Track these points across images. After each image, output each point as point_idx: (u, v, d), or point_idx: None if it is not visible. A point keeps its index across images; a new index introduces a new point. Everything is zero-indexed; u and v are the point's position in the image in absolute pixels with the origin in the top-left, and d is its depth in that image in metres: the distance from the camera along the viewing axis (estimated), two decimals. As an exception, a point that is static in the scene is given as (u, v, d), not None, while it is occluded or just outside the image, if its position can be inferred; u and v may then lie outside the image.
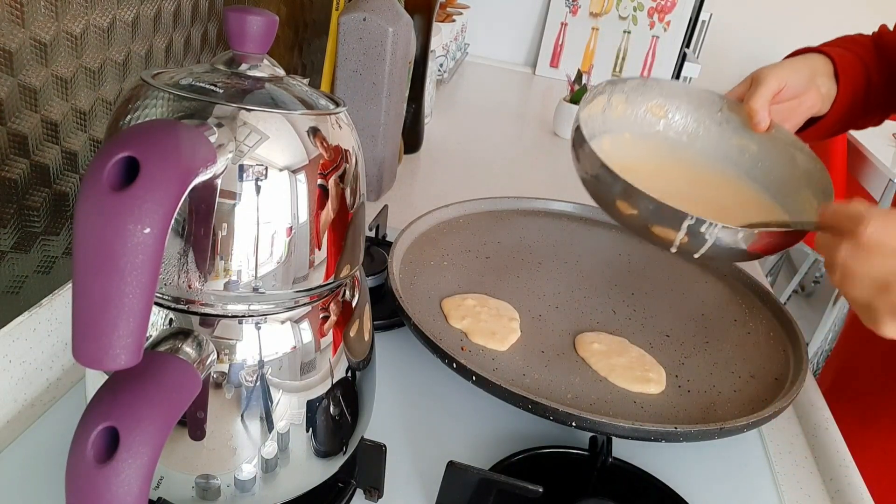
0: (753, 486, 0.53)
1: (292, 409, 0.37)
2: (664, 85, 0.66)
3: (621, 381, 0.55)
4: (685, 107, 0.67)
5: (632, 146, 0.63)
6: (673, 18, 1.75)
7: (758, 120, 0.61)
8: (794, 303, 2.65)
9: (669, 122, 0.67)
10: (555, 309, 0.65)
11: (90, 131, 0.54)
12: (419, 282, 0.65)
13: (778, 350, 0.64)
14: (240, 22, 0.34)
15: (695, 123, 0.67)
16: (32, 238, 0.50)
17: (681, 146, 0.66)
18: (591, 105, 0.60)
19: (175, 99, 0.31)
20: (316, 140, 0.34)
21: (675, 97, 0.67)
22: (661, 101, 0.66)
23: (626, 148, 0.55)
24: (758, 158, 0.64)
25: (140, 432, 0.26)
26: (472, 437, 0.53)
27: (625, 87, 0.64)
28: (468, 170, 1.09)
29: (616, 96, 0.64)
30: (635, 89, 0.65)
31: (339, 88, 0.84)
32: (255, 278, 0.33)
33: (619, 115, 0.65)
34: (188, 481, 0.36)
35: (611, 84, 0.63)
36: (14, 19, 0.44)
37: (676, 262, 0.78)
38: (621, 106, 0.65)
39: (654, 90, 0.66)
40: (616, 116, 0.65)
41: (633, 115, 0.66)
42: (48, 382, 0.52)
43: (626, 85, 0.64)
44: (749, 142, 0.64)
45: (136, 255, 0.24)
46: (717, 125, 0.66)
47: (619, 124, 0.62)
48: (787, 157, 0.62)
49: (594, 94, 0.61)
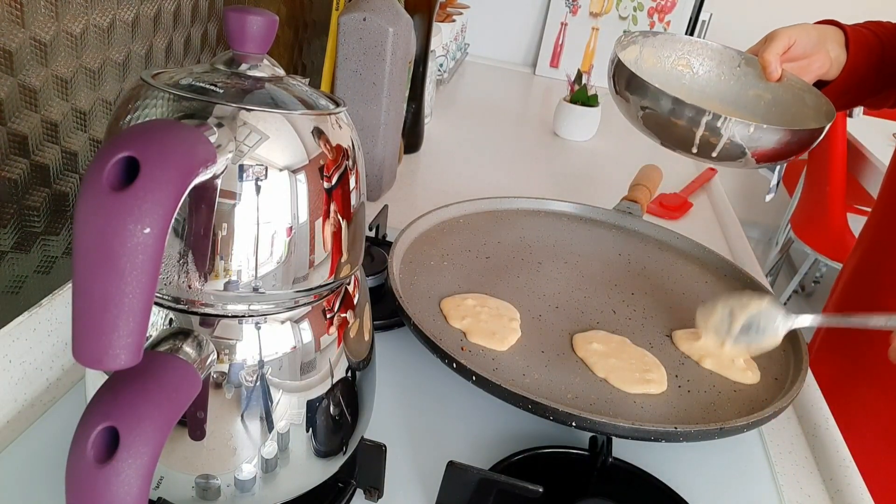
0: (753, 486, 0.53)
1: (292, 409, 0.37)
2: (690, 41, 0.74)
3: (621, 382, 0.55)
4: (708, 62, 0.75)
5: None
6: (673, 18, 1.75)
7: (771, 70, 0.69)
8: (794, 303, 2.65)
9: (694, 75, 0.75)
10: (555, 309, 0.65)
11: (90, 131, 0.54)
12: (419, 282, 0.65)
13: (778, 350, 0.64)
14: (240, 22, 0.34)
15: (716, 76, 0.75)
16: (32, 238, 0.50)
17: (705, 96, 0.74)
18: (625, 51, 0.68)
19: (175, 99, 0.31)
20: (316, 140, 0.34)
21: (699, 53, 0.75)
22: (685, 56, 0.75)
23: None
24: (772, 104, 0.71)
25: (140, 432, 0.26)
26: (472, 437, 0.53)
27: (655, 40, 0.73)
28: (468, 170, 1.09)
29: (647, 49, 0.72)
30: (664, 43, 0.74)
31: (339, 88, 0.84)
32: (255, 278, 0.33)
33: (650, 66, 0.73)
34: (188, 481, 0.36)
35: (643, 35, 0.71)
36: (14, 19, 0.44)
37: (676, 262, 0.78)
38: (651, 59, 0.73)
39: (681, 45, 0.74)
40: (647, 66, 0.72)
41: (662, 67, 0.74)
42: (48, 382, 0.52)
43: (656, 39, 0.73)
44: (764, 91, 0.72)
45: (136, 255, 0.24)
46: (736, 78, 0.74)
47: (648, 74, 0.68)
48: (797, 99, 0.70)
49: (629, 42, 0.69)
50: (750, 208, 2.84)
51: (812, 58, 0.70)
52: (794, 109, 0.70)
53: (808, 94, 0.69)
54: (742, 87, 0.73)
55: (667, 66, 0.74)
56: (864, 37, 0.72)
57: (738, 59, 0.74)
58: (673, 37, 0.74)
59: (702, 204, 1.12)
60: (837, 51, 0.71)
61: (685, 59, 0.75)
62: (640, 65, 0.71)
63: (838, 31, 0.72)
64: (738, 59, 0.74)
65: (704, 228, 1.02)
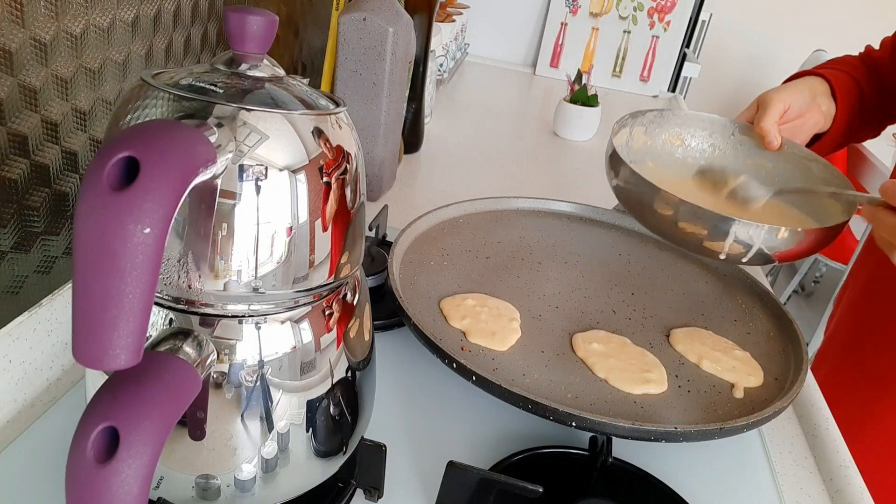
0: (753, 486, 0.53)
1: (292, 409, 0.37)
2: (679, 115, 0.71)
3: (621, 382, 0.55)
4: (700, 133, 0.72)
5: (656, 173, 0.66)
6: (673, 18, 1.75)
7: (770, 139, 0.66)
8: (794, 303, 2.65)
9: (687, 149, 0.72)
10: (555, 309, 0.65)
11: (90, 131, 0.54)
12: (419, 282, 0.65)
13: (778, 350, 0.64)
14: (240, 22, 0.34)
15: (710, 148, 0.72)
16: (32, 238, 0.50)
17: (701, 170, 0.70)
18: (616, 136, 0.65)
19: (175, 99, 0.32)
20: (316, 140, 0.34)
21: (690, 125, 0.72)
22: (677, 131, 0.71)
23: (650, 175, 0.58)
24: (774, 174, 0.68)
25: (140, 432, 0.26)
26: (472, 437, 0.53)
27: (643, 119, 0.69)
28: (468, 170, 1.09)
29: (636, 128, 0.69)
30: (653, 121, 0.70)
31: (339, 88, 0.84)
32: (255, 278, 0.33)
33: (640, 145, 0.70)
34: (188, 481, 0.36)
35: (631, 117, 0.68)
36: (14, 19, 0.44)
37: (676, 262, 0.78)
38: (642, 137, 0.70)
39: (670, 121, 0.71)
40: (637, 147, 0.69)
41: (653, 145, 0.71)
42: (48, 382, 0.52)
43: (644, 118, 0.69)
44: (764, 160, 0.69)
45: (136, 255, 0.24)
46: (732, 148, 0.71)
47: (641, 154, 0.67)
48: (802, 169, 0.67)
49: (619, 127, 0.66)
50: (750, 208, 2.83)
51: (806, 116, 0.68)
52: (802, 179, 0.66)
53: (813, 164, 0.66)
54: (738, 156, 0.70)
55: (658, 144, 0.71)
56: (845, 82, 0.72)
57: (731, 128, 0.71)
58: (662, 113, 0.71)
59: (702, 204, 1.11)
60: (827, 104, 0.70)
61: (675, 133, 0.72)
62: (631, 145, 0.69)
63: (823, 82, 0.71)
64: (732, 127, 0.71)
65: (704, 228, 1.02)
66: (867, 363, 0.78)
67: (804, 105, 0.68)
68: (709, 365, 0.59)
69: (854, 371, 0.80)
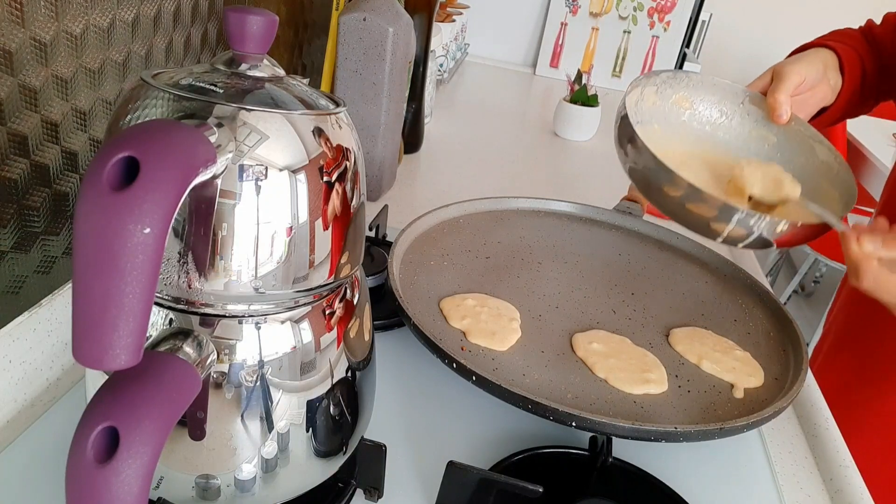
0: (753, 486, 0.53)
1: (292, 409, 0.37)
2: (691, 77, 0.70)
3: (621, 382, 0.55)
4: (709, 98, 0.70)
5: (660, 136, 0.66)
6: (673, 18, 1.75)
7: (780, 112, 0.64)
8: (794, 303, 2.65)
9: (694, 113, 0.70)
10: (555, 309, 0.65)
11: (90, 131, 0.54)
12: (419, 282, 0.65)
13: (778, 350, 0.64)
14: (240, 22, 0.34)
15: (718, 114, 0.70)
16: (32, 238, 0.50)
17: (705, 136, 0.70)
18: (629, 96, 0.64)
19: (175, 99, 0.31)
20: (316, 140, 0.34)
21: (701, 90, 0.70)
22: (687, 94, 0.70)
23: (654, 138, 0.57)
24: (777, 148, 0.67)
25: (140, 432, 0.26)
26: (472, 437, 0.53)
27: (657, 79, 0.68)
28: (468, 170, 1.09)
29: (648, 88, 0.68)
30: (665, 82, 0.69)
31: (339, 88, 0.84)
32: (255, 278, 0.33)
33: (650, 105, 0.68)
34: (188, 481, 0.36)
35: (645, 77, 0.67)
36: (14, 19, 0.44)
37: (676, 262, 0.78)
38: (652, 97, 0.68)
39: (682, 83, 0.69)
40: (647, 107, 0.68)
41: (662, 106, 0.69)
42: (48, 382, 0.52)
43: (657, 77, 0.68)
44: (769, 133, 0.68)
45: (136, 255, 0.24)
46: (739, 117, 0.69)
47: (649, 115, 0.66)
48: (806, 148, 0.66)
49: (632, 87, 0.65)
50: (750, 208, 2.83)
51: (815, 90, 0.67)
52: (803, 161, 0.66)
53: (818, 146, 0.65)
54: (745, 126, 0.69)
55: (668, 105, 0.70)
56: (852, 57, 0.71)
57: (742, 95, 0.69)
58: (676, 74, 0.70)
59: (702, 204, 1.11)
60: (836, 77, 0.69)
61: (686, 95, 0.70)
62: (641, 105, 0.67)
63: (833, 56, 0.70)
64: (743, 95, 0.69)
65: (704, 228, 1.02)
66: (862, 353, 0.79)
67: (817, 79, 0.67)
68: (709, 365, 0.59)
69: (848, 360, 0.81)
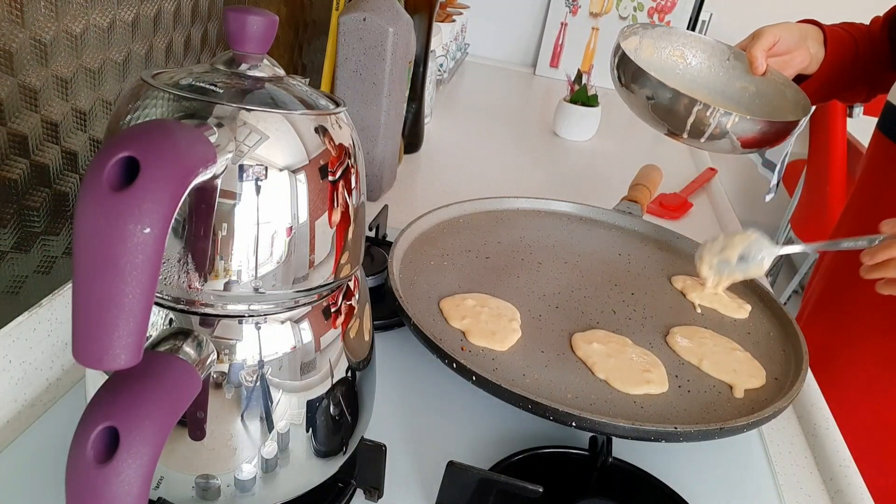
0: (753, 486, 0.53)
1: (292, 409, 0.37)
2: (685, 34, 0.81)
3: (621, 382, 0.55)
4: (700, 54, 0.81)
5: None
6: (673, 18, 1.75)
7: (757, 65, 0.75)
8: (794, 303, 2.65)
9: (687, 66, 0.82)
10: (555, 309, 0.65)
11: (90, 131, 0.54)
12: (419, 282, 0.65)
13: (778, 350, 0.64)
14: (240, 22, 0.34)
15: (707, 68, 0.82)
16: (32, 238, 0.50)
17: (696, 85, 0.81)
18: (627, 41, 0.74)
19: (175, 99, 0.31)
20: (316, 140, 0.34)
21: (693, 45, 0.81)
22: (681, 49, 0.81)
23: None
24: (756, 95, 0.79)
25: (140, 432, 0.26)
26: (472, 437, 0.53)
27: (653, 32, 0.78)
28: (468, 170, 1.09)
29: (646, 40, 0.78)
30: (661, 35, 0.79)
31: (339, 88, 0.84)
32: (255, 278, 0.33)
33: (647, 55, 0.79)
34: (188, 481, 0.36)
35: (643, 27, 0.77)
36: (14, 19, 0.44)
37: (676, 262, 0.78)
38: (649, 49, 0.79)
39: (677, 37, 0.81)
40: (644, 56, 0.79)
41: (658, 58, 0.80)
42: (48, 382, 0.52)
43: (654, 31, 0.78)
44: (749, 84, 0.79)
45: (136, 255, 0.24)
46: (725, 70, 0.81)
47: (645, 64, 0.73)
48: (779, 92, 0.77)
49: (630, 32, 0.75)
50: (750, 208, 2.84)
51: (794, 53, 0.76)
52: (776, 102, 0.76)
53: (788, 89, 0.75)
54: (730, 78, 0.80)
55: (663, 57, 0.80)
56: (840, 36, 0.79)
57: (727, 52, 0.80)
58: (670, 30, 0.80)
59: (702, 204, 1.12)
60: (816, 48, 0.77)
61: (680, 50, 0.81)
62: (639, 54, 0.77)
63: (817, 30, 0.78)
64: (728, 52, 0.80)
65: (704, 228, 1.02)
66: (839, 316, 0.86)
67: (793, 42, 0.76)
68: (709, 365, 0.59)
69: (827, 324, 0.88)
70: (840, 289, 0.87)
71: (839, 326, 0.85)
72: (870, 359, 0.81)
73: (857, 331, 0.82)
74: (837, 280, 0.88)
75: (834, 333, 0.85)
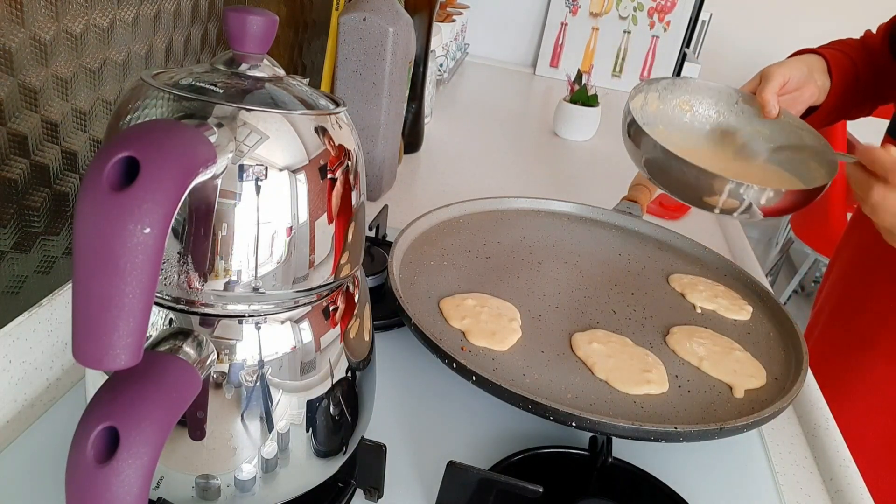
0: (753, 486, 0.53)
1: (292, 409, 0.37)
2: (689, 83, 0.78)
3: (621, 382, 0.55)
4: (707, 101, 0.78)
5: (666, 136, 0.74)
6: (673, 18, 1.75)
7: (769, 108, 0.73)
8: (794, 303, 2.65)
9: (695, 115, 0.79)
10: (555, 309, 0.65)
11: (90, 131, 0.54)
12: (419, 282, 0.65)
13: (778, 350, 0.64)
14: (240, 22, 0.34)
15: (716, 114, 0.78)
16: (32, 238, 0.50)
17: (705, 135, 0.78)
18: (633, 101, 0.71)
19: (175, 99, 0.31)
20: (316, 140, 0.34)
21: (699, 93, 0.78)
22: (687, 97, 0.78)
23: (660, 138, 0.64)
24: (770, 140, 0.75)
25: (140, 432, 0.26)
26: (472, 437, 0.53)
27: (658, 85, 0.76)
28: (468, 170, 1.09)
29: (651, 94, 0.76)
30: (666, 87, 0.77)
31: (339, 88, 0.84)
32: (255, 278, 0.33)
33: (654, 110, 0.77)
34: (188, 481, 0.36)
35: (647, 83, 0.75)
36: (14, 19, 0.44)
37: (676, 262, 0.78)
38: (655, 102, 0.77)
39: (682, 87, 0.78)
40: (651, 111, 0.76)
41: (665, 110, 0.78)
42: (48, 382, 0.52)
43: (658, 84, 0.76)
44: (762, 127, 0.76)
45: (136, 255, 0.24)
46: (735, 115, 0.77)
47: (653, 118, 0.73)
48: (795, 137, 0.73)
49: (636, 92, 0.73)
50: (750, 208, 2.83)
51: (803, 89, 0.75)
52: (793, 146, 0.73)
53: (805, 133, 0.72)
54: (741, 123, 0.77)
55: (669, 108, 0.78)
56: (841, 60, 0.78)
57: (735, 96, 0.77)
58: (674, 81, 0.77)
59: (702, 204, 1.11)
60: (823, 79, 0.77)
61: (686, 99, 0.78)
62: (645, 109, 0.75)
63: (820, 59, 0.78)
64: (736, 96, 0.77)
65: (704, 228, 1.02)
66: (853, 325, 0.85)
67: (802, 79, 0.75)
68: (709, 365, 0.59)
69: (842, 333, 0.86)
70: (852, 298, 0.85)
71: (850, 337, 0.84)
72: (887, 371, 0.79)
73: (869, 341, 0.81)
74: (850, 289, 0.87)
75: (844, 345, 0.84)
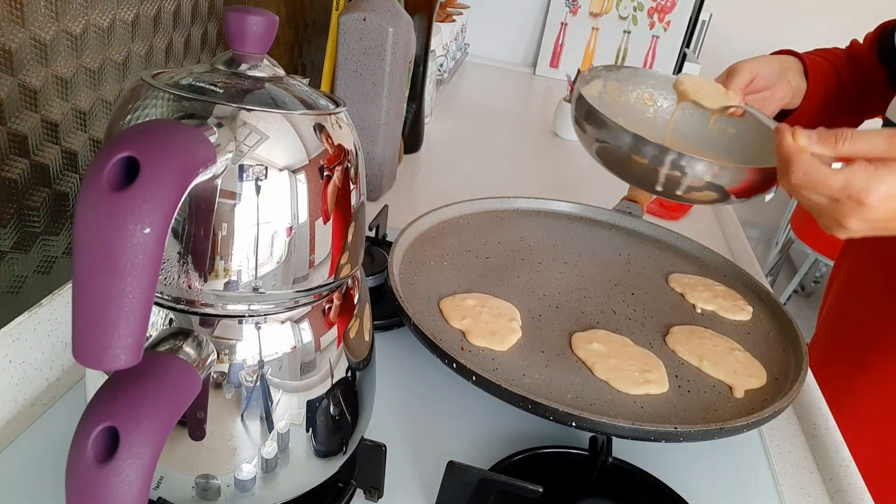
0: (753, 487, 0.53)
1: (292, 409, 0.37)
2: (654, 75, 0.73)
3: (621, 382, 0.55)
4: (672, 95, 0.72)
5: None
6: (673, 18, 1.75)
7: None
8: (794, 303, 2.65)
9: (658, 109, 0.74)
10: (555, 309, 0.65)
11: (90, 131, 0.54)
12: (419, 282, 0.65)
13: (778, 350, 0.64)
14: (240, 22, 0.34)
15: (680, 111, 0.73)
16: (32, 238, 0.50)
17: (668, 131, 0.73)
18: (588, 86, 0.67)
19: (175, 99, 0.32)
20: (316, 140, 0.34)
21: (663, 87, 0.73)
22: (650, 91, 0.73)
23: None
24: (735, 138, 0.71)
25: (140, 432, 0.26)
26: (472, 437, 0.53)
27: (618, 74, 0.71)
28: (468, 170, 1.09)
29: (610, 83, 0.71)
30: (628, 78, 0.71)
31: (339, 88, 0.84)
32: (255, 278, 0.33)
33: (613, 100, 0.71)
34: (188, 481, 0.36)
35: (606, 69, 0.69)
36: (14, 19, 0.44)
37: (676, 262, 0.78)
38: (615, 92, 0.71)
39: (644, 79, 0.72)
40: (610, 101, 0.71)
41: (626, 102, 0.73)
42: (48, 382, 0.52)
43: (619, 73, 0.71)
44: (727, 125, 0.72)
45: (136, 255, 0.24)
46: (700, 112, 0.72)
47: (612, 109, 0.68)
48: (760, 134, 0.69)
49: (592, 76, 0.67)
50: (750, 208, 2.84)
51: (774, 88, 0.71)
52: (758, 145, 0.69)
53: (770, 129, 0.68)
54: (705, 119, 0.72)
55: (631, 100, 0.73)
56: (820, 64, 0.74)
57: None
58: (637, 71, 0.73)
59: (702, 204, 1.11)
60: (798, 80, 0.73)
61: (649, 92, 0.74)
62: (604, 98, 0.70)
63: (796, 61, 0.73)
64: None
65: (704, 228, 1.02)
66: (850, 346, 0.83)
67: (772, 77, 0.70)
68: (709, 365, 0.59)
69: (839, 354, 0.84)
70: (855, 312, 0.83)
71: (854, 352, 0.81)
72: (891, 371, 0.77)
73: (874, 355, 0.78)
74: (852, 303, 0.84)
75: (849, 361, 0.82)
